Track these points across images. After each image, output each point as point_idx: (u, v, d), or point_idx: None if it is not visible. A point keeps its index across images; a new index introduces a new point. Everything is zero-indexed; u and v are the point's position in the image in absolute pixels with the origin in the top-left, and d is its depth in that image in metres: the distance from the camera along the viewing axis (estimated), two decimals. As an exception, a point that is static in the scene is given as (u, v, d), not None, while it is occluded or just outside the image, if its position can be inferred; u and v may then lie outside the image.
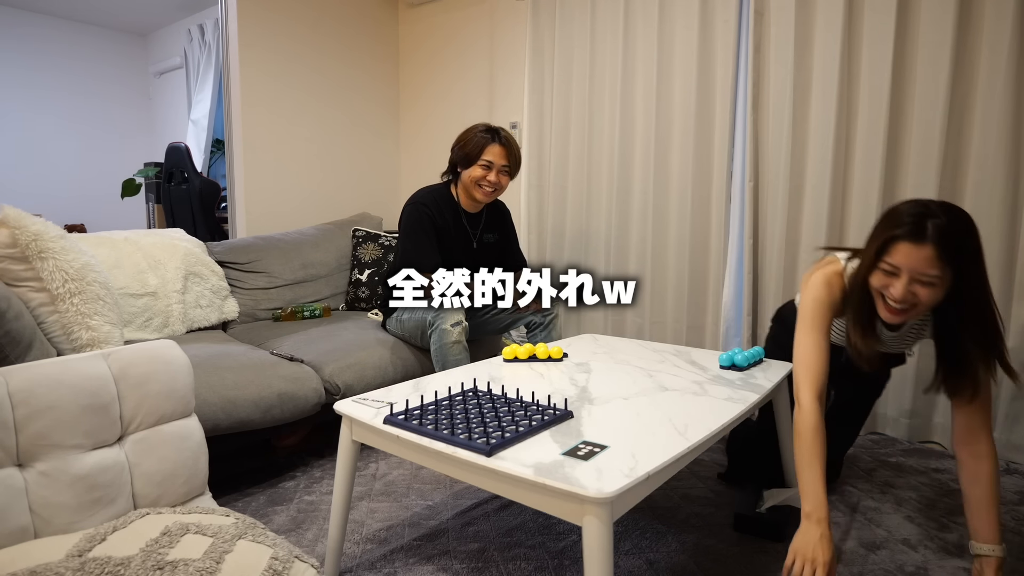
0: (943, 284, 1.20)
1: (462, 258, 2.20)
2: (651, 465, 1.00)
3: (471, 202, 2.23)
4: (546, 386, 1.46)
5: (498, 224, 2.37)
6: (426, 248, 2.11)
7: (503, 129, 2.18)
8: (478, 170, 2.12)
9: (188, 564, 0.83)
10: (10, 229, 1.51)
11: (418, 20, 3.63)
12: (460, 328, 2.01)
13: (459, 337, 2.00)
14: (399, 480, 1.88)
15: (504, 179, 2.16)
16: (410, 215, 2.15)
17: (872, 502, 1.73)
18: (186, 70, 4.91)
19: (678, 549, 1.49)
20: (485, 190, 2.14)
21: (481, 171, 2.12)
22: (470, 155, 2.13)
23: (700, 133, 2.52)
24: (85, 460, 1.06)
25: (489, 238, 2.32)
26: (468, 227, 2.24)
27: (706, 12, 2.46)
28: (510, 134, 2.18)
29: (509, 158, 2.14)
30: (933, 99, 2.03)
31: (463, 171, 2.17)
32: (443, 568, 1.42)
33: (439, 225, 2.15)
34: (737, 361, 1.61)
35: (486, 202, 2.22)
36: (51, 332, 1.56)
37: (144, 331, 2.13)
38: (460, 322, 2.01)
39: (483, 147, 2.11)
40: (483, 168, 2.12)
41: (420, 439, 1.13)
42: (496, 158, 2.12)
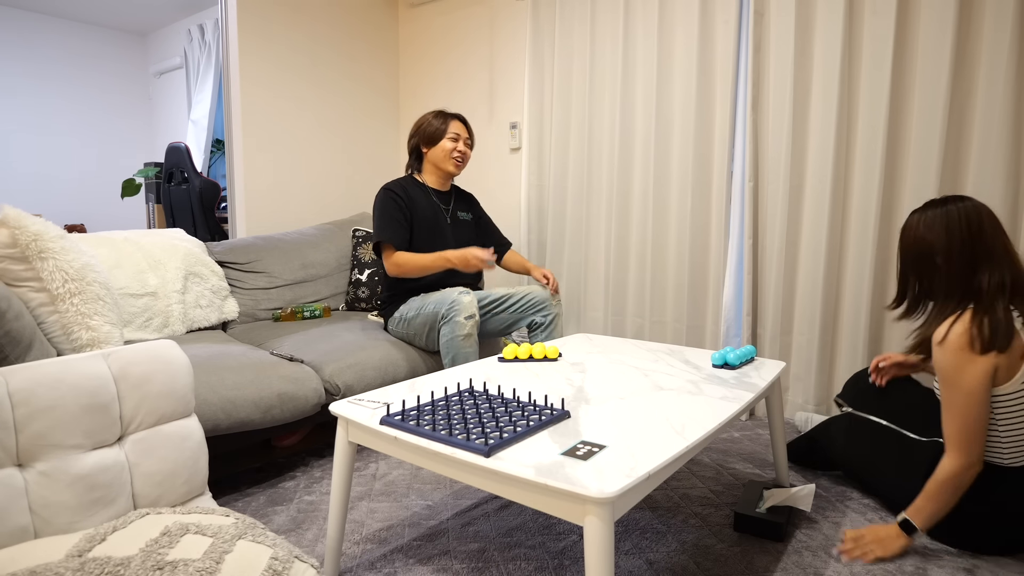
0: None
1: (440, 233, 2.32)
2: (651, 465, 1.00)
3: (439, 180, 2.39)
4: (542, 386, 1.46)
5: (469, 205, 2.51)
6: (394, 226, 2.22)
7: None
8: (448, 143, 2.31)
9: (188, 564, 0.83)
10: (10, 229, 1.51)
11: (418, 20, 3.63)
12: (473, 322, 2.04)
13: (471, 331, 2.03)
14: (399, 480, 1.88)
15: (468, 151, 2.36)
16: (378, 200, 2.27)
17: (872, 502, 1.73)
18: (186, 70, 4.91)
19: (678, 549, 1.49)
20: (455, 160, 2.32)
21: (451, 143, 2.30)
22: (434, 135, 2.31)
23: (700, 133, 2.52)
24: (85, 460, 1.06)
25: (464, 216, 2.45)
26: (439, 203, 2.37)
27: (706, 12, 2.46)
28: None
29: (469, 131, 2.37)
30: (933, 99, 2.03)
31: (429, 151, 2.34)
32: (443, 568, 1.42)
33: (409, 206, 2.27)
34: (729, 360, 1.63)
35: (456, 173, 2.37)
36: (51, 332, 1.56)
37: (144, 331, 2.13)
38: (473, 315, 2.04)
39: (446, 123, 2.31)
40: (451, 140, 2.31)
41: (417, 440, 1.13)
42: (461, 130, 2.33)
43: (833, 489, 1.81)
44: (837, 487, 1.82)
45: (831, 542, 1.52)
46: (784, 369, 2.01)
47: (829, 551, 1.48)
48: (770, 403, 1.71)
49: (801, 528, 1.59)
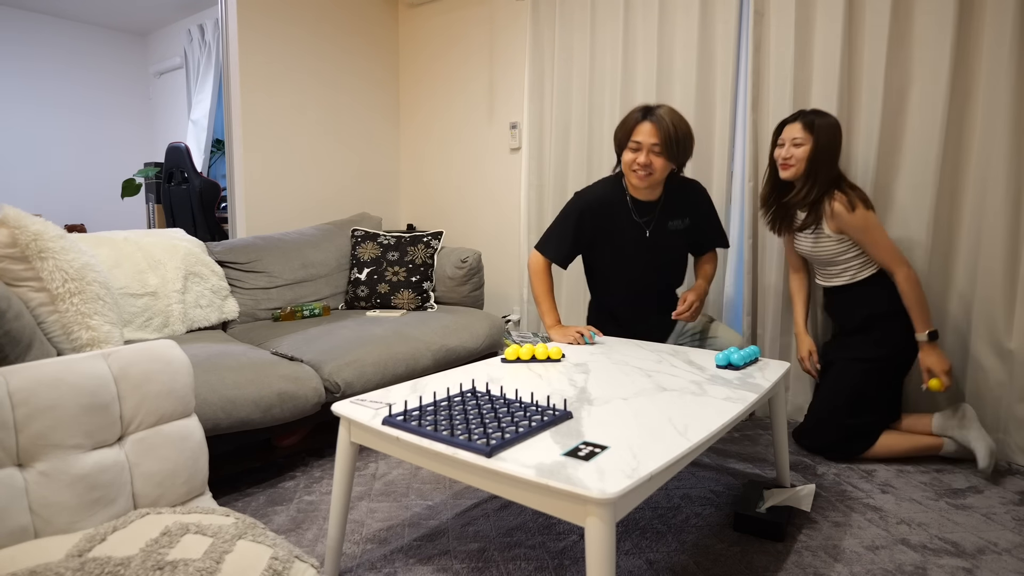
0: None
1: (634, 250, 2.07)
2: (653, 466, 1.00)
3: (639, 189, 2.04)
4: (545, 387, 1.46)
5: (687, 208, 2.10)
6: (555, 242, 2.07)
7: (661, 106, 1.95)
8: (628, 153, 1.96)
9: (188, 564, 0.83)
10: (10, 229, 1.51)
11: (418, 20, 3.63)
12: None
13: None
14: (399, 480, 1.88)
15: (657, 160, 1.92)
16: (566, 204, 2.10)
17: (872, 502, 1.73)
18: (186, 70, 4.91)
19: (678, 549, 1.49)
20: (637, 173, 1.95)
21: (631, 154, 1.95)
22: (621, 139, 1.99)
23: (700, 133, 2.52)
24: (85, 460, 1.06)
25: (675, 225, 2.08)
26: (638, 217, 2.06)
27: (706, 12, 2.46)
28: (668, 111, 1.93)
29: (660, 135, 1.90)
30: (933, 98, 2.03)
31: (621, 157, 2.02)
32: (443, 568, 1.42)
33: (595, 224, 2.06)
34: (733, 360, 1.62)
35: (644, 186, 1.99)
36: (51, 332, 1.56)
37: (144, 331, 2.13)
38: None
39: (632, 127, 1.95)
40: (632, 151, 1.95)
41: (419, 440, 1.13)
42: (645, 137, 1.91)
43: (833, 489, 1.81)
44: (837, 487, 1.82)
45: (831, 542, 1.52)
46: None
47: (829, 551, 1.48)
48: (773, 404, 1.71)
49: (801, 528, 1.59)
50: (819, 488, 1.82)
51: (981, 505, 1.71)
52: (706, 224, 2.14)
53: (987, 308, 2.01)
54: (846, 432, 1.98)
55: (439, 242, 2.84)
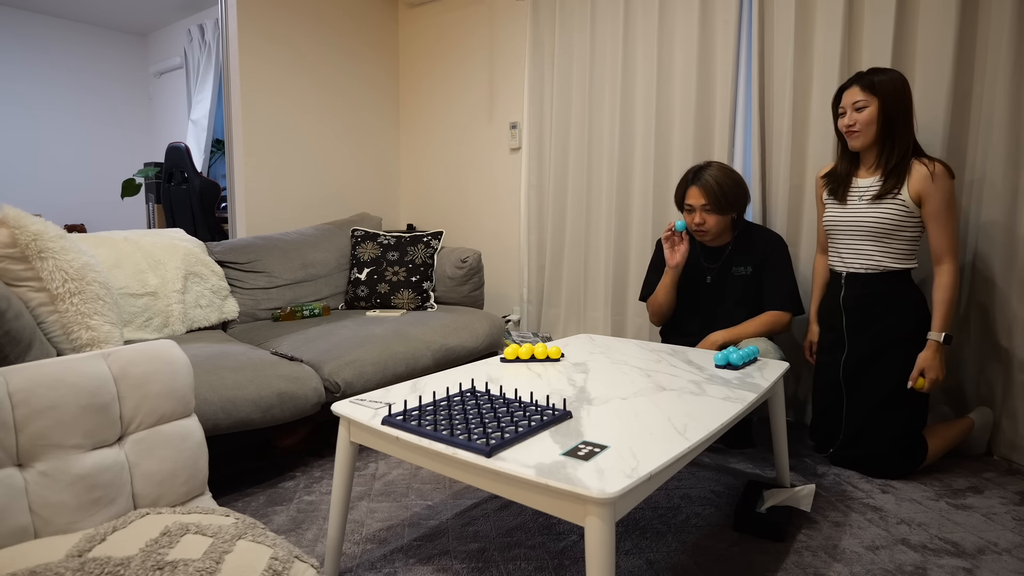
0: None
1: (691, 294, 2.22)
2: (652, 465, 1.00)
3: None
4: (544, 386, 1.46)
5: (752, 257, 2.14)
6: (648, 278, 2.31)
7: (710, 165, 2.08)
8: (686, 215, 2.14)
9: (188, 564, 0.83)
10: (10, 229, 1.51)
11: (418, 20, 3.63)
12: None
13: None
14: (399, 480, 1.88)
15: (710, 218, 2.07)
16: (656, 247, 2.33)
17: (872, 502, 1.73)
18: (186, 70, 4.91)
19: (678, 549, 1.49)
20: (696, 233, 2.13)
21: (688, 216, 2.13)
22: (678, 203, 2.17)
23: (700, 133, 2.52)
24: (85, 460, 1.06)
25: (740, 271, 2.14)
26: (704, 261, 2.20)
27: (706, 12, 2.46)
28: (715, 171, 2.06)
29: (707, 195, 2.05)
30: (934, 98, 2.03)
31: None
32: (443, 568, 1.42)
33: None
34: (732, 360, 1.62)
35: (705, 240, 2.16)
36: (51, 332, 1.56)
37: (144, 331, 2.13)
38: None
39: (683, 193, 2.13)
40: (687, 213, 2.13)
41: (419, 440, 1.13)
42: (694, 200, 2.08)
43: (833, 489, 1.81)
44: (837, 487, 1.82)
45: (831, 542, 1.52)
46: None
47: (829, 551, 1.48)
48: (772, 404, 1.71)
49: (801, 528, 1.59)
50: (819, 488, 1.82)
51: (981, 505, 1.71)
52: (766, 279, 2.11)
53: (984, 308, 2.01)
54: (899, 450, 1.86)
55: (439, 242, 2.84)
